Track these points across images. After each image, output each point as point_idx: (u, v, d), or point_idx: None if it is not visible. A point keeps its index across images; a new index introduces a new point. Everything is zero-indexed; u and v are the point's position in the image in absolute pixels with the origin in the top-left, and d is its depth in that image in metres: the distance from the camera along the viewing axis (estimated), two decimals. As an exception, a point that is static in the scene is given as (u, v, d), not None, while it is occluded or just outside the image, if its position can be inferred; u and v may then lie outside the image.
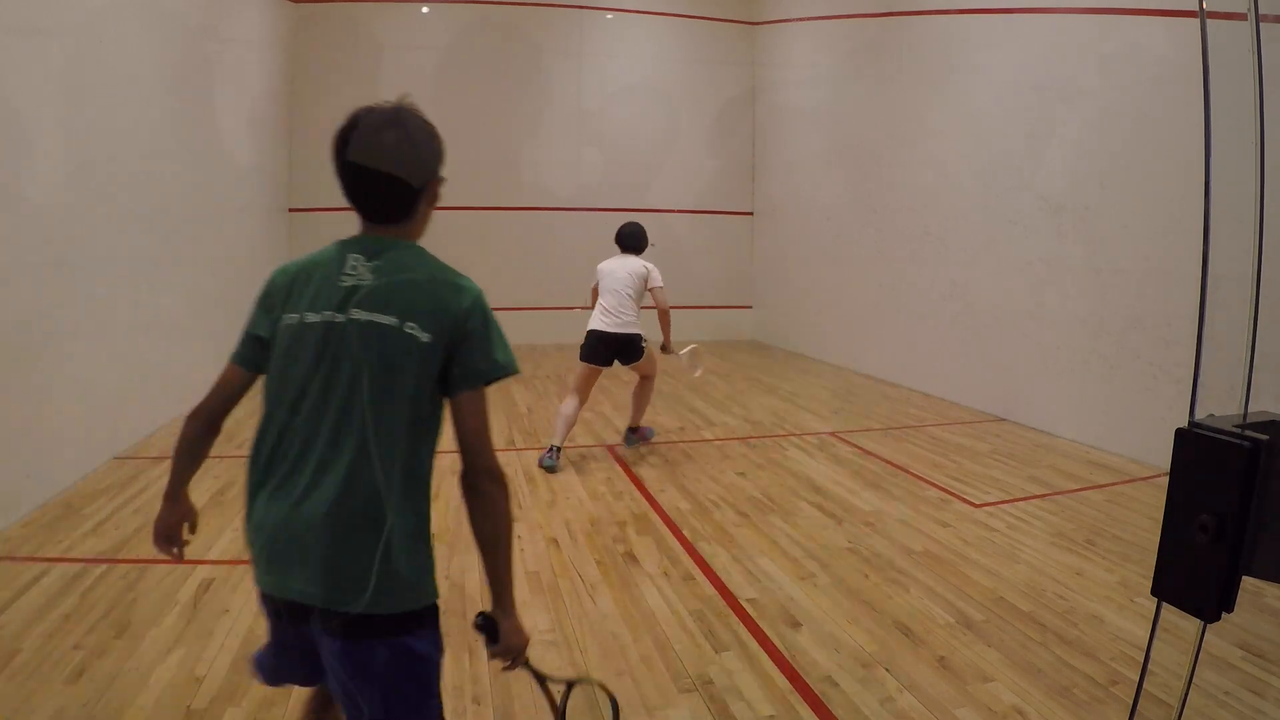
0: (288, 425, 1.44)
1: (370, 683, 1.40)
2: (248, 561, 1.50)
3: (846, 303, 8.85)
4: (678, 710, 2.38)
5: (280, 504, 1.40)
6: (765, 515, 4.11)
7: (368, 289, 1.44)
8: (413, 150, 1.54)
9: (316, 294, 1.48)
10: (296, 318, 1.48)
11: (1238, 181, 1.03)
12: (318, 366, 1.42)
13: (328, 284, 1.48)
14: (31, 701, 2.32)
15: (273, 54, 8.94)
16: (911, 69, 7.67)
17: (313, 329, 1.44)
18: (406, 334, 1.41)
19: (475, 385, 1.48)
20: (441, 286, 1.48)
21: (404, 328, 1.41)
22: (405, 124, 1.55)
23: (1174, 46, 4.85)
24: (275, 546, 1.40)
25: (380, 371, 1.40)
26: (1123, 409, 5.32)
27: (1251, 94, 0.97)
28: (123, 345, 5.10)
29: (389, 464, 1.40)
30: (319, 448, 1.40)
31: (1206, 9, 1.03)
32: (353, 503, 1.37)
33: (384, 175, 1.50)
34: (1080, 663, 2.66)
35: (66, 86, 4.39)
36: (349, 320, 1.42)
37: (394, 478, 1.41)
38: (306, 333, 1.45)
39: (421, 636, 1.44)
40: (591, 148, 10.75)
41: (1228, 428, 0.88)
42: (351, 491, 1.37)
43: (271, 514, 1.41)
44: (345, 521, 1.37)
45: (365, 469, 1.38)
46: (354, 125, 1.51)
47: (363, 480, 1.38)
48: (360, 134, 1.49)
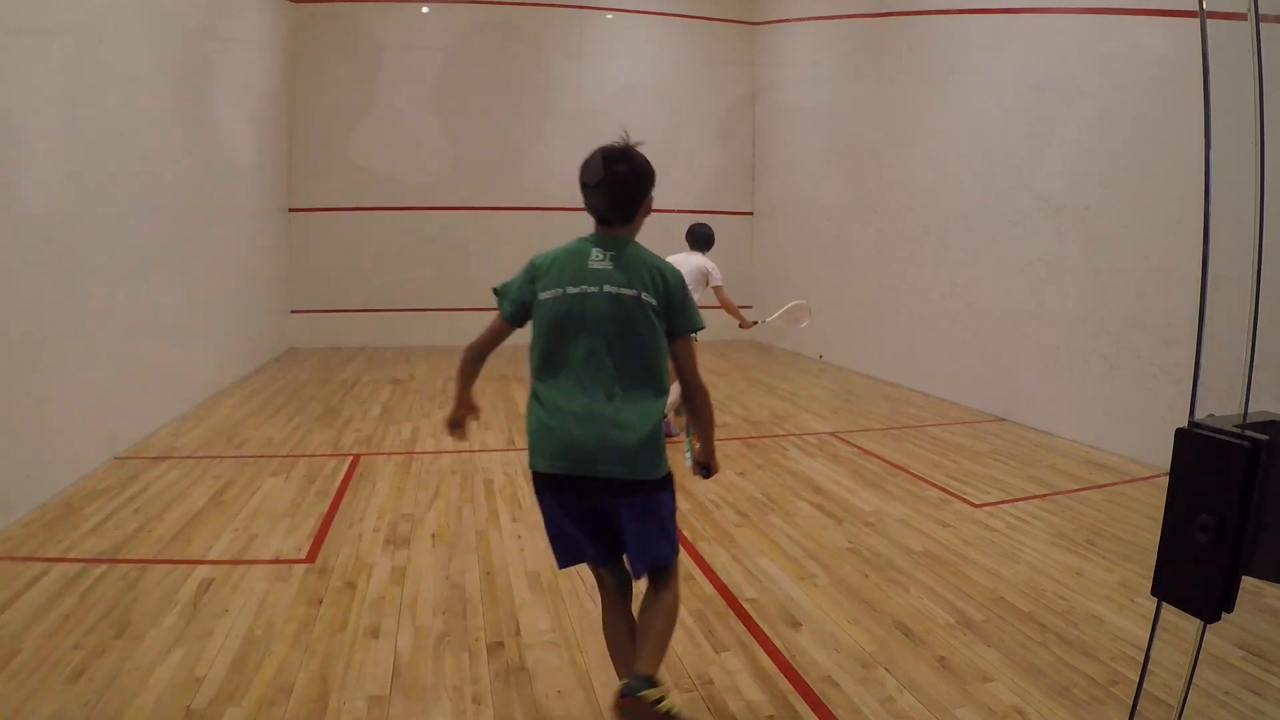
0: (566, 362, 2.13)
1: (650, 518, 2.14)
2: (248, 561, 1.53)
3: (846, 303, 8.85)
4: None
5: (573, 409, 2.09)
6: (765, 515, 4.11)
7: (611, 271, 2.15)
8: (637, 178, 2.27)
9: (574, 274, 2.16)
10: (560, 290, 2.15)
11: (1238, 181, 1.03)
12: (584, 324, 2.11)
13: (581, 268, 2.16)
14: (31, 701, 2.32)
15: (273, 54, 8.94)
16: (911, 69, 7.66)
17: (576, 298, 2.12)
18: (643, 301, 2.12)
19: (685, 335, 2.20)
20: (658, 270, 2.18)
21: (640, 297, 2.12)
22: (632, 158, 2.29)
23: (1174, 46, 4.85)
24: (572, 439, 2.08)
25: (627, 326, 2.11)
26: (1123, 409, 5.32)
27: (1251, 94, 0.97)
28: (123, 345, 5.10)
29: (637, 384, 2.12)
30: (593, 372, 2.10)
31: (1206, 9, 1.03)
32: (624, 410, 2.09)
33: (620, 195, 2.27)
34: (1080, 663, 2.66)
35: (66, 86, 4.39)
36: (601, 292, 2.12)
37: (642, 393, 2.12)
38: (572, 301, 2.12)
39: (669, 490, 2.20)
40: (592, 148, 10.71)
41: (1228, 428, 0.88)
42: (623, 399, 2.10)
43: (563, 419, 2.09)
44: (623, 420, 2.08)
45: (626, 387, 2.11)
46: (597, 158, 2.30)
47: (626, 393, 2.10)
48: (601, 165, 2.27)
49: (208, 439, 5.41)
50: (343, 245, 10.06)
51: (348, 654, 2.66)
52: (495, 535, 3.78)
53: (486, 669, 2.59)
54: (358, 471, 4.78)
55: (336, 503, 4.21)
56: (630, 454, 2.07)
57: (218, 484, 4.46)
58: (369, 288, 10.16)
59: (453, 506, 4.19)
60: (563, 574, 3.34)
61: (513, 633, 2.84)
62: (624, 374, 2.11)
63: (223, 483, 4.48)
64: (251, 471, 4.72)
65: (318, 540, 3.67)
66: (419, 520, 3.97)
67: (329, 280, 10.06)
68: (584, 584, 3.25)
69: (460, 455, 5.17)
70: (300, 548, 3.58)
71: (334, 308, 10.10)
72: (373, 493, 4.38)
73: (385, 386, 7.52)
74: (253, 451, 5.17)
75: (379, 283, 10.18)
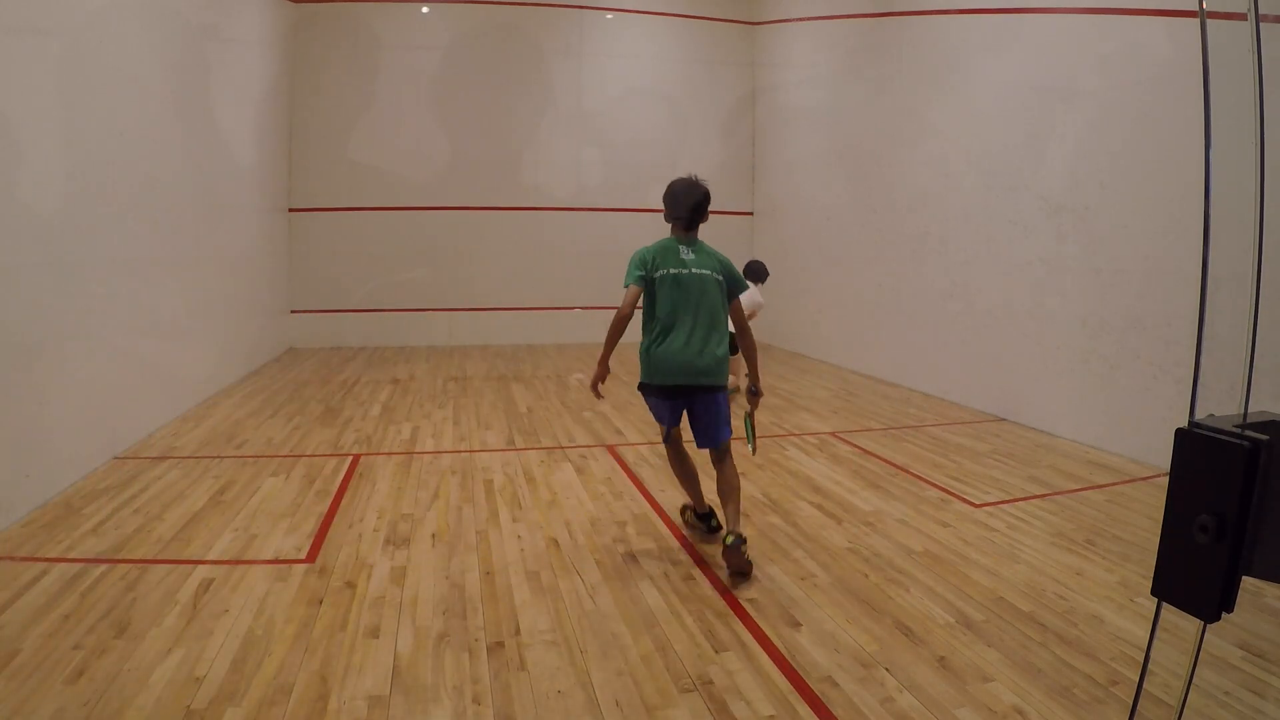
0: (674, 315, 3.44)
1: (715, 409, 3.51)
2: (248, 561, 1.54)
3: (846, 303, 8.85)
4: (678, 710, 2.38)
5: (677, 346, 3.43)
6: (765, 515, 4.11)
7: (695, 259, 3.50)
8: (707, 200, 3.59)
9: (675, 261, 3.49)
10: (667, 270, 3.47)
11: (1238, 181, 1.03)
12: (683, 292, 3.45)
13: (675, 257, 3.50)
14: (31, 701, 2.32)
15: (273, 54, 8.94)
16: (911, 69, 7.67)
17: (678, 276, 3.46)
18: (715, 279, 3.50)
19: (736, 296, 3.60)
20: (718, 257, 3.58)
21: (715, 275, 3.50)
22: (703, 188, 3.59)
23: (1174, 46, 4.85)
24: (680, 365, 3.42)
25: (707, 293, 3.47)
26: (1123, 409, 5.32)
27: (1251, 94, 0.97)
28: (123, 345, 5.10)
29: (714, 329, 3.47)
30: (689, 324, 3.44)
31: (1206, 9, 1.03)
32: (708, 344, 3.44)
33: (698, 212, 3.58)
34: (1080, 663, 2.66)
35: (66, 86, 4.39)
36: (691, 273, 3.47)
37: (716, 333, 3.47)
38: (675, 278, 3.46)
39: (724, 392, 3.54)
40: (592, 148, 10.76)
41: (1228, 428, 0.88)
42: (707, 339, 3.44)
43: (674, 352, 3.42)
44: (707, 350, 3.44)
45: (708, 331, 3.45)
46: (681, 187, 3.59)
47: (707, 336, 3.45)
48: (686, 193, 3.56)
49: (208, 439, 5.41)
50: (342, 245, 10.07)
51: (348, 654, 2.66)
52: (495, 535, 3.79)
53: (486, 669, 2.59)
54: (358, 471, 4.78)
55: (336, 503, 4.21)
56: (712, 369, 3.45)
57: (218, 484, 4.46)
58: (369, 288, 10.17)
59: (453, 506, 4.19)
60: (562, 574, 3.35)
61: (513, 633, 2.84)
62: (706, 322, 3.46)
63: (223, 483, 4.48)
64: (251, 471, 4.72)
65: (318, 540, 3.67)
66: (419, 520, 3.97)
67: (329, 280, 10.07)
68: (584, 584, 3.25)
69: (460, 455, 5.17)
70: (300, 548, 3.58)
71: (334, 308, 10.10)
72: (373, 493, 4.38)
73: (385, 386, 7.53)
74: (253, 451, 5.17)
75: (379, 283, 10.19)
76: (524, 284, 10.64)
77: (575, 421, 6.17)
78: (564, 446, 5.44)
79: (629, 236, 10.85)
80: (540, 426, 6.00)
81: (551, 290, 10.68)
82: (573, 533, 3.83)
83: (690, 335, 3.41)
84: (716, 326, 3.46)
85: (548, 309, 10.69)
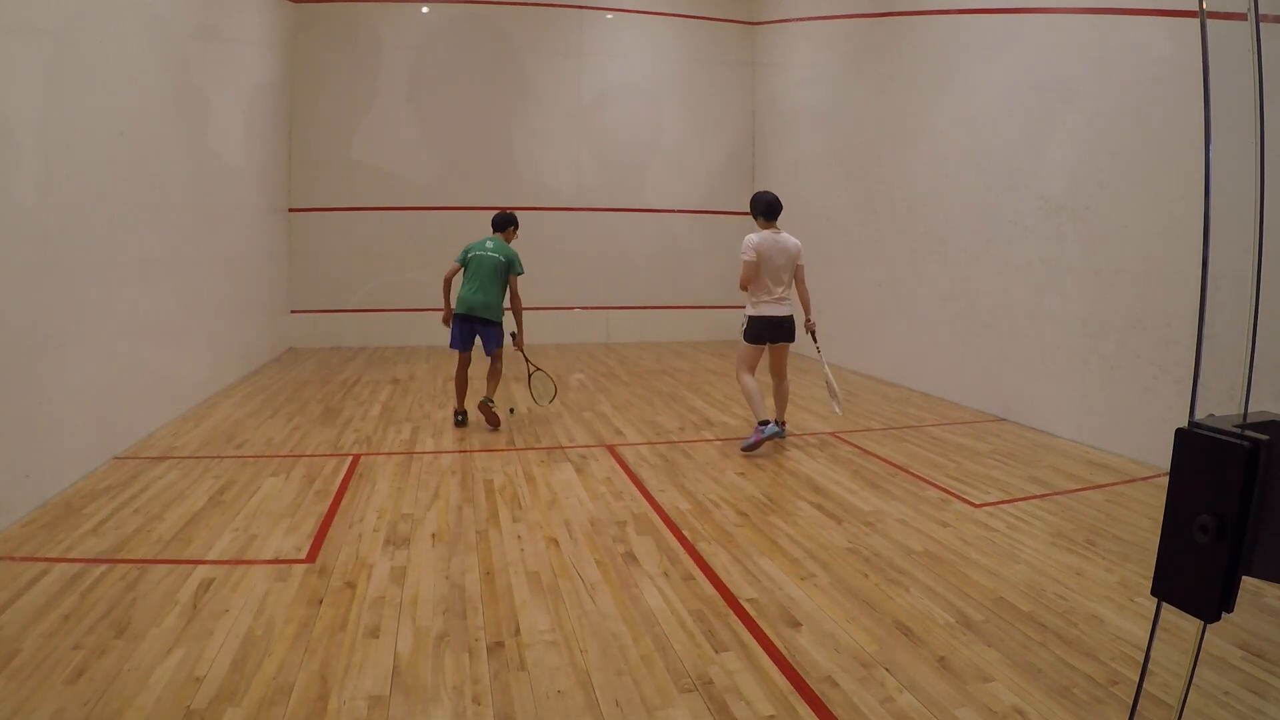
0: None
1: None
2: (248, 561, 1.54)
3: (846, 303, 8.85)
4: (678, 710, 2.38)
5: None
6: (765, 515, 4.11)
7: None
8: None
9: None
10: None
11: (1238, 181, 1.03)
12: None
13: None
14: (31, 701, 2.32)
15: (272, 54, 8.94)
16: (911, 69, 7.67)
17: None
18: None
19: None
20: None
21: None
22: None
23: (1174, 46, 4.85)
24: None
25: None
26: (1123, 409, 5.32)
27: (1251, 94, 0.97)
28: (122, 345, 5.10)
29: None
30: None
31: (1206, 9, 1.03)
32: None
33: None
34: (1080, 663, 2.66)
35: (66, 87, 4.39)
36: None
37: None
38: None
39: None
40: (591, 148, 10.76)
41: (1228, 428, 0.88)
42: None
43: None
44: (490, 304, 5.76)
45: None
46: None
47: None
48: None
49: (208, 439, 5.41)
50: (342, 245, 10.07)
51: (348, 654, 2.66)
52: (495, 535, 3.79)
53: (486, 669, 2.59)
54: (358, 471, 4.78)
55: (336, 503, 4.21)
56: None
57: (218, 484, 4.46)
58: (369, 288, 10.17)
59: (453, 506, 4.19)
60: (562, 574, 3.35)
61: (513, 633, 2.84)
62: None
63: (223, 483, 4.48)
64: (251, 471, 4.72)
65: (318, 540, 3.67)
66: (419, 520, 3.97)
67: (329, 280, 10.07)
68: (584, 584, 3.25)
69: (460, 455, 5.17)
70: (300, 548, 3.58)
71: (334, 308, 10.11)
72: (373, 493, 4.38)
73: (385, 386, 7.53)
74: (253, 451, 5.17)
75: (379, 282, 10.19)
76: (524, 284, 10.62)
77: (575, 421, 6.17)
78: (564, 446, 5.44)
79: (629, 236, 10.94)
80: (540, 426, 6.00)
81: (551, 290, 10.68)
82: (573, 533, 3.83)
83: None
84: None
85: (548, 309, 10.68)
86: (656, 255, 11.10)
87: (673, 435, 5.77)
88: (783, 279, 5.26)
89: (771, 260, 5.19)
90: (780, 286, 5.26)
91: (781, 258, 5.21)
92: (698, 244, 11.18)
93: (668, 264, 11.16)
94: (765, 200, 5.31)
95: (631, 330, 11.01)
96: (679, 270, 11.21)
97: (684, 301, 11.27)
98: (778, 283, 5.25)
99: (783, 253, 5.21)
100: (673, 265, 11.18)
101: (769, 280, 5.22)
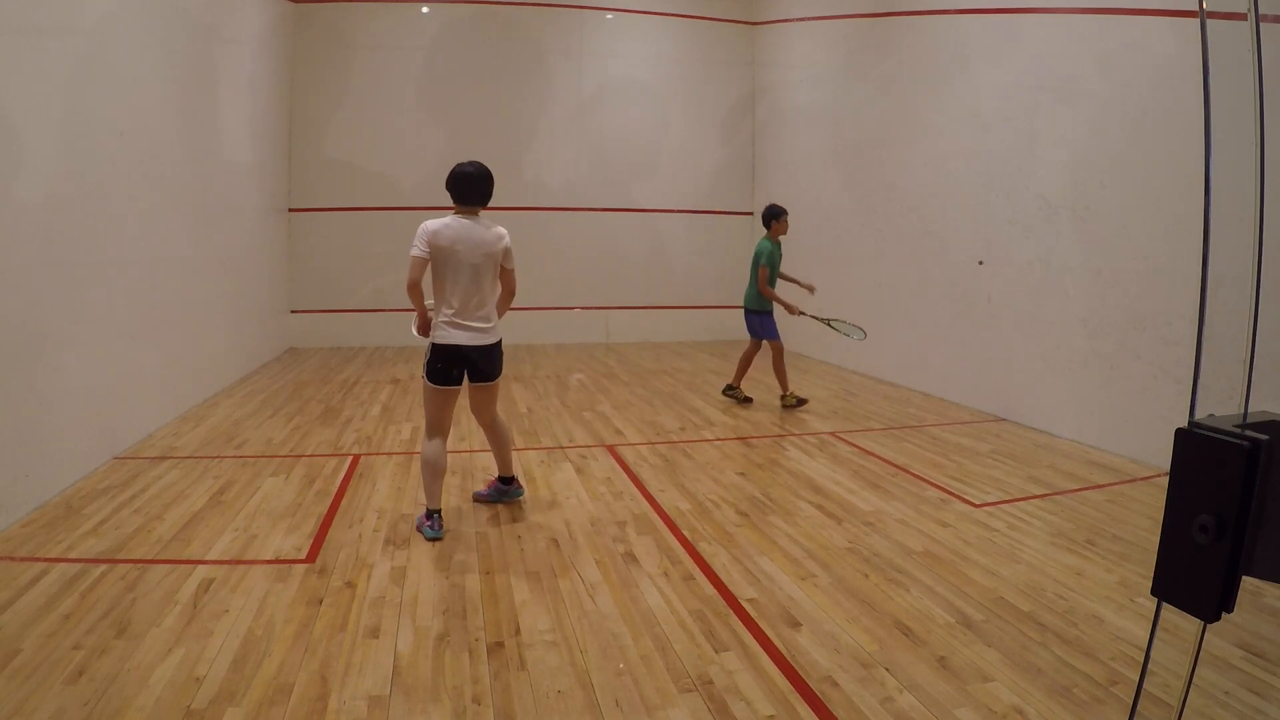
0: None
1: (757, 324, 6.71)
2: (248, 561, 1.54)
3: (846, 303, 8.84)
4: (678, 710, 2.38)
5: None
6: (765, 515, 4.11)
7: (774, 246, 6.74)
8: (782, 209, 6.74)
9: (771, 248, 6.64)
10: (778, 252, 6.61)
11: (1238, 181, 1.03)
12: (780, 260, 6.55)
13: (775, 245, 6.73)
14: (31, 701, 2.32)
15: (273, 54, 8.93)
16: (911, 69, 7.66)
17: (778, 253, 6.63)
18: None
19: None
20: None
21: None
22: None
23: (1174, 46, 4.85)
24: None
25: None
26: (1123, 409, 5.32)
27: (1251, 94, 0.97)
28: (123, 345, 5.10)
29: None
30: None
31: (1206, 9, 1.02)
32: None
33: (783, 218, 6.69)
34: (1080, 663, 2.66)
35: (67, 86, 4.39)
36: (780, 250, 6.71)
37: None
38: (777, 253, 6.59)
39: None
40: (592, 148, 10.75)
41: (1228, 428, 0.88)
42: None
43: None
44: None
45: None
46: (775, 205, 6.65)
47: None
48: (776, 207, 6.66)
49: (208, 439, 5.41)
50: (343, 245, 10.06)
51: (348, 654, 2.66)
52: (495, 535, 3.78)
53: (486, 669, 2.59)
54: (358, 471, 4.78)
55: (336, 503, 4.21)
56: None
57: (218, 484, 4.46)
58: (369, 288, 10.17)
59: (453, 506, 4.19)
60: (563, 574, 3.35)
61: (513, 633, 2.84)
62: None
63: (223, 483, 4.48)
64: (251, 471, 4.72)
65: (318, 540, 3.67)
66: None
67: (329, 280, 10.06)
68: (584, 584, 3.25)
69: (460, 455, 5.17)
70: (300, 548, 3.58)
71: (334, 308, 10.10)
72: (373, 493, 4.38)
73: (385, 386, 7.52)
74: (253, 451, 5.17)
75: (379, 282, 10.19)
76: (524, 284, 10.56)
77: (575, 421, 6.17)
78: (564, 446, 5.44)
79: (629, 236, 10.94)
80: (540, 426, 6.00)
81: (551, 290, 10.67)
82: (573, 533, 3.83)
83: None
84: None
85: (548, 309, 10.68)
86: (656, 255, 11.09)
87: (673, 435, 5.77)
88: (483, 287, 3.77)
89: (459, 259, 3.66)
90: (474, 298, 3.74)
91: (476, 256, 3.70)
92: (698, 244, 11.18)
93: (668, 264, 11.15)
94: (464, 171, 3.76)
95: (631, 330, 11.00)
96: (679, 270, 11.20)
97: (684, 301, 11.27)
98: (472, 293, 3.72)
99: (477, 249, 3.71)
100: (673, 265, 11.18)
101: (451, 289, 3.70)
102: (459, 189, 3.76)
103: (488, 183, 3.81)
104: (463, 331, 3.71)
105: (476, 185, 3.76)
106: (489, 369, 3.85)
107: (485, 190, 3.82)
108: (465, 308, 3.72)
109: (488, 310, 3.82)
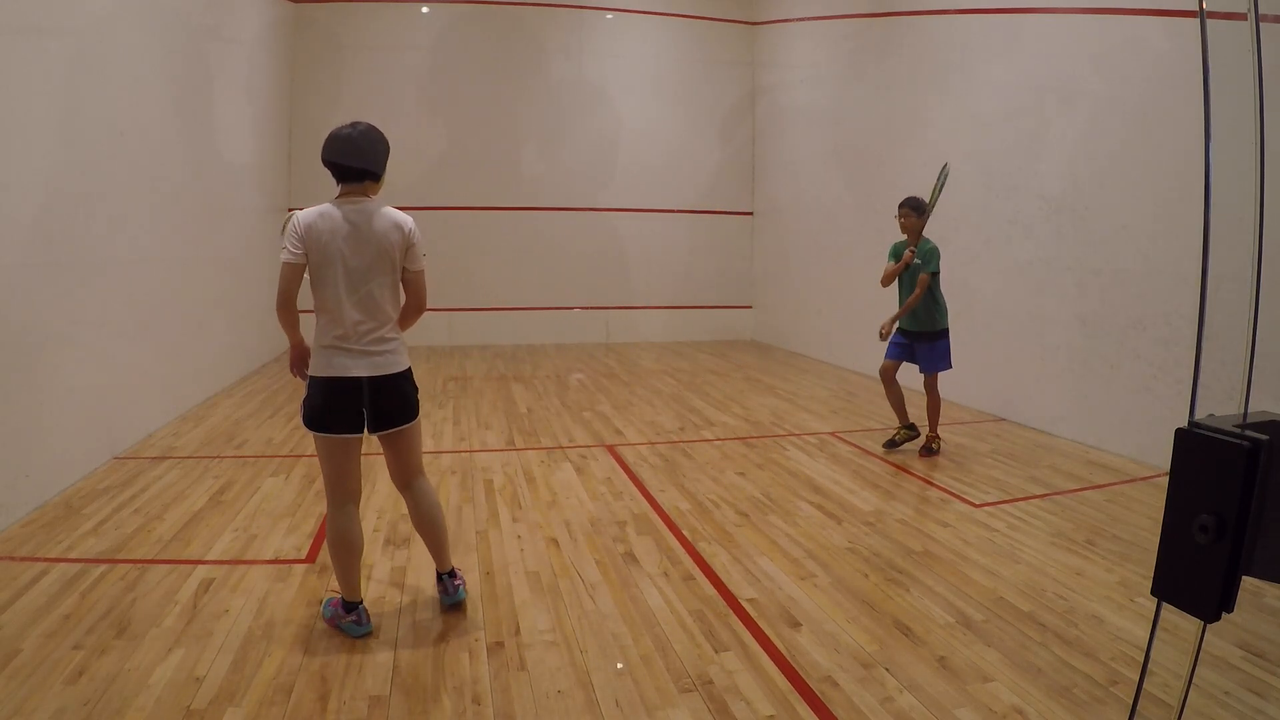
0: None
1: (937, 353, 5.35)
2: (248, 561, 1.54)
3: (847, 303, 8.84)
4: (678, 710, 2.38)
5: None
6: (765, 515, 4.11)
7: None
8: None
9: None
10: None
11: (1238, 181, 1.03)
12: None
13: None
14: (31, 701, 2.32)
15: (272, 54, 8.93)
16: (911, 69, 7.66)
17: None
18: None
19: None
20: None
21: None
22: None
23: (1173, 46, 4.85)
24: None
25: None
26: (1123, 409, 5.32)
27: (1251, 94, 0.97)
28: (122, 345, 5.10)
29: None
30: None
31: (1206, 9, 1.02)
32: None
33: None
34: (1080, 663, 2.66)
35: (66, 86, 4.39)
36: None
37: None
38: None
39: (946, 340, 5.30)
40: (592, 147, 10.75)
41: (1228, 427, 0.88)
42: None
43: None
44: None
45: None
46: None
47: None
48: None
49: (208, 439, 5.41)
50: (343, 245, 10.05)
51: (348, 654, 2.66)
52: (495, 535, 3.78)
53: (486, 669, 2.59)
54: (358, 471, 4.77)
55: (336, 503, 4.20)
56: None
57: (218, 484, 4.46)
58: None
59: (453, 506, 4.19)
60: (562, 574, 3.34)
61: (513, 633, 2.84)
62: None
63: (223, 483, 4.48)
64: (251, 471, 4.72)
65: (318, 540, 3.67)
66: (419, 520, 3.97)
67: (329, 280, 10.05)
68: (584, 584, 3.25)
69: (460, 455, 5.17)
70: (300, 548, 3.58)
71: (334, 308, 10.09)
72: (372, 493, 4.38)
73: (385, 386, 7.51)
74: (253, 451, 5.16)
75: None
76: (524, 284, 10.63)
77: (575, 421, 6.17)
78: (564, 446, 5.44)
79: (629, 236, 10.94)
80: (540, 426, 6.00)
81: (551, 290, 10.68)
82: (573, 533, 3.83)
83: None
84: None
85: (548, 309, 10.68)
86: (656, 255, 11.09)
87: (673, 435, 5.77)
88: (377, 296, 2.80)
89: (342, 259, 2.76)
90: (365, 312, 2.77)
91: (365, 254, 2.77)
92: (698, 244, 11.19)
93: (668, 264, 11.15)
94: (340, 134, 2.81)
95: (631, 330, 11.00)
96: (679, 270, 11.20)
97: (684, 301, 11.27)
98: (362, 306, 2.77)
99: (366, 244, 2.78)
100: (673, 265, 11.18)
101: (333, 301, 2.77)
102: (336, 159, 2.77)
103: (378, 146, 2.84)
104: (351, 358, 2.70)
105: (359, 151, 2.78)
106: (394, 409, 2.77)
107: (373, 157, 2.83)
108: (353, 327, 2.72)
109: (385, 329, 2.79)
